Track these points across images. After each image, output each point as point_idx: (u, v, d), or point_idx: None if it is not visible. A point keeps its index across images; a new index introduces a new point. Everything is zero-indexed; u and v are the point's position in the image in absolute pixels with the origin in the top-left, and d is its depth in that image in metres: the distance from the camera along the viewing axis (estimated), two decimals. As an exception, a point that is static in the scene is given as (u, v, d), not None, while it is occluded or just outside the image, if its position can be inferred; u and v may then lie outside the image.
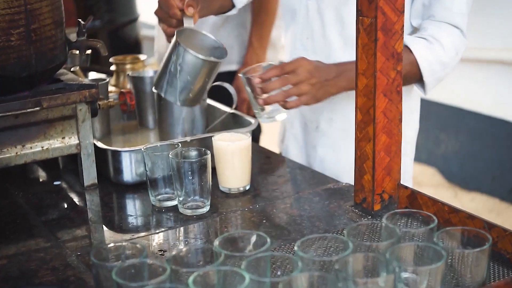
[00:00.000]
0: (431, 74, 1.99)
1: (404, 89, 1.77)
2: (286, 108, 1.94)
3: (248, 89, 1.96)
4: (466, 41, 2.03)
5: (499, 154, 4.52)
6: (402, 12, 1.60)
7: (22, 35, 1.74)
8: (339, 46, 2.12)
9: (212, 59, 1.94)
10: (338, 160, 2.21)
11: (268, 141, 3.51)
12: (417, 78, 1.99)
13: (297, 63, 1.91)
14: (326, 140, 2.21)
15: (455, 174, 4.78)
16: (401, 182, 1.71)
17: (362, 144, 1.68)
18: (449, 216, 1.58)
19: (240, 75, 1.99)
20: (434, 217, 1.39)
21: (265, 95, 1.91)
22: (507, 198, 4.45)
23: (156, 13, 2.06)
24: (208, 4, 2.16)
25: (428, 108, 4.34)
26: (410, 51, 1.96)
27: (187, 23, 2.01)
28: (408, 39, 1.97)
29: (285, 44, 2.35)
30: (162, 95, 1.99)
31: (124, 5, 4.69)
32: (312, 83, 1.90)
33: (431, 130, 4.82)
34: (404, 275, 1.26)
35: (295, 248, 1.28)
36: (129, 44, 4.67)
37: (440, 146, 4.83)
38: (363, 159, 1.68)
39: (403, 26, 1.61)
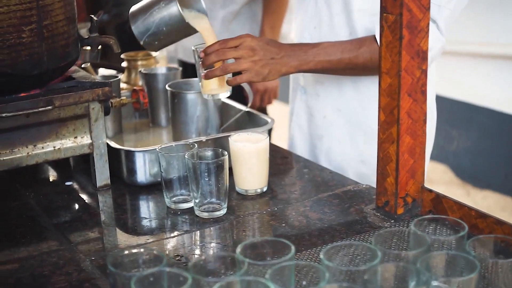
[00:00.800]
0: None
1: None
2: (228, 84, 1.93)
3: (196, 62, 1.97)
4: (442, 37, 1.95)
5: (511, 151, 4.46)
6: (427, 9, 1.54)
7: (34, 32, 1.69)
8: (346, 36, 2.09)
9: (194, 26, 1.94)
10: (344, 151, 2.18)
11: (279, 138, 3.46)
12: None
13: (240, 39, 1.91)
14: (333, 131, 2.19)
15: (466, 172, 4.72)
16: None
17: (385, 146, 1.62)
18: (476, 221, 1.53)
19: (192, 47, 1.98)
20: (464, 224, 1.34)
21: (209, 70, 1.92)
22: (520, 196, 4.40)
23: None
24: None
25: (439, 104, 4.28)
26: (374, 40, 1.95)
27: None
28: (377, 28, 1.95)
29: (294, 36, 2.32)
30: (132, 26, 1.98)
31: (131, -1, 4.64)
32: (253, 60, 1.88)
33: (442, 127, 4.74)
34: (434, 283, 1.21)
35: (321, 256, 1.22)
36: (136, 38, 4.62)
37: (451, 143, 4.77)
38: (386, 161, 1.62)
39: (428, 23, 1.56)
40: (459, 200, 1.58)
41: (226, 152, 1.68)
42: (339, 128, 2.17)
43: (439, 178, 4.66)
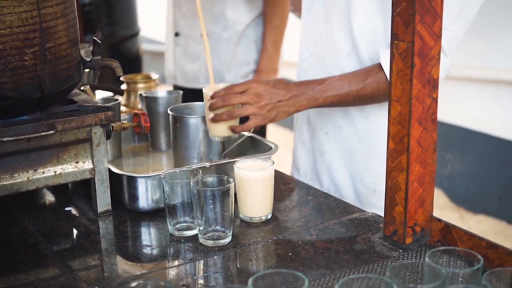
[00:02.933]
0: None
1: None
2: (233, 131, 1.97)
3: (204, 105, 2.01)
4: (447, 59, 1.95)
5: (506, 176, 4.45)
6: (439, 36, 1.52)
7: (37, 55, 1.66)
8: (347, 52, 2.09)
9: None
10: (344, 168, 2.19)
11: (278, 163, 3.42)
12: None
13: (246, 85, 1.95)
14: (335, 147, 2.19)
15: (461, 196, 4.71)
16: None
17: (394, 174, 1.59)
18: (486, 251, 1.50)
19: (203, 89, 2.00)
20: (479, 256, 1.31)
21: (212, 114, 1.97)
22: (515, 221, 4.38)
23: None
24: None
25: (434, 128, 4.28)
26: (380, 69, 1.97)
27: None
28: (381, 52, 1.98)
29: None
30: None
31: (125, 19, 4.64)
32: (260, 105, 1.93)
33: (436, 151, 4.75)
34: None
35: (336, 290, 1.19)
36: (129, 59, 4.60)
37: (446, 166, 4.76)
38: (395, 190, 1.60)
39: (439, 51, 1.54)
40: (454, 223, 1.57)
41: (231, 179, 1.65)
42: (340, 145, 2.17)
43: (433, 202, 4.64)
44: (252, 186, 1.74)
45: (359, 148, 2.15)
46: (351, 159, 2.16)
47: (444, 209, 4.61)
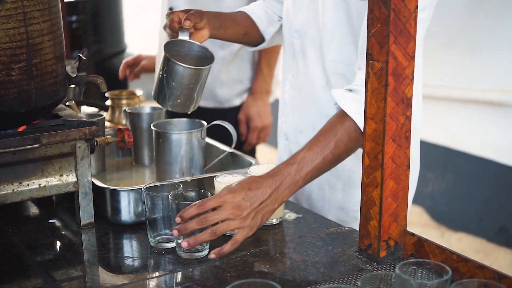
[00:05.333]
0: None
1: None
2: (218, 255, 1.68)
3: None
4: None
5: (486, 195, 4.51)
6: (412, 57, 1.58)
7: (23, 70, 1.70)
8: (321, 85, 2.10)
9: (187, 66, 1.92)
10: (323, 198, 2.20)
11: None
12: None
13: (220, 199, 1.67)
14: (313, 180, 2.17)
15: (442, 214, 4.77)
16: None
17: (369, 190, 1.64)
18: (457, 265, 1.55)
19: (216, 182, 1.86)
20: (448, 268, 1.36)
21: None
22: (495, 239, 4.43)
23: (164, 27, 2.04)
24: (226, 25, 2.15)
25: (416, 147, 4.34)
26: (343, 117, 1.80)
27: (182, 36, 2.01)
28: (336, 94, 1.84)
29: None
30: (157, 102, 2.00)
31: (112, 36, 4.67)
32: (243, 217, 1.68)
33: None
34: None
35: (308, 299, 1.24)
36: (116, 75, 4.64)
37: (427, 185, 4.82)
38: (370, 205, 1.65)
39: (413, 71, 1.59)
40: (435, 241, 1.61)
41: (209, 194, 1.70)
42: (317, 179, 2.16)
43: (414, 220, 4.70)
44: (232, 200, 1.78)
45: (338, 177, 2.15)
46: (330, 189, 2.16)
47: (425, 227, 4.66)
